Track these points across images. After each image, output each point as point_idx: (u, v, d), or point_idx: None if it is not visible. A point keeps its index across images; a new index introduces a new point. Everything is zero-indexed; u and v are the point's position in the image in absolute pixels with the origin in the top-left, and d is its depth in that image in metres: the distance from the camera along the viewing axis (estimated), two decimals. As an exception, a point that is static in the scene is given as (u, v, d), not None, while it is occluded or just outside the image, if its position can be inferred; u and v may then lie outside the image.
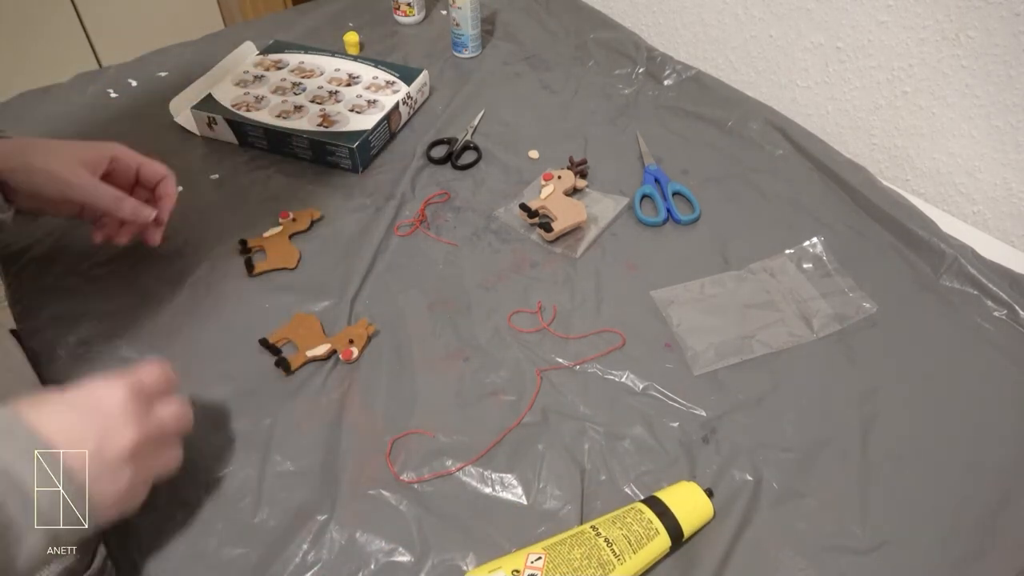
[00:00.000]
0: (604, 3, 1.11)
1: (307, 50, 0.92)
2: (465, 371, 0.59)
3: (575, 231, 0.72)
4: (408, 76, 0.88)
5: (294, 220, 0.72)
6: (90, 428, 0.40)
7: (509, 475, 0.52)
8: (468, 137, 0.85)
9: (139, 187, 0.64)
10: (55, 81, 0.91)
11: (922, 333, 0.63)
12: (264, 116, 0.80)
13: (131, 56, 0.96)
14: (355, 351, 0.60)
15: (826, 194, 0.77)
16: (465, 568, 0.47)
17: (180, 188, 0.75)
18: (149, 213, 0.61)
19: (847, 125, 0.85)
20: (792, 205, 0.76)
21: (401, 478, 0.52)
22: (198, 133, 0.83)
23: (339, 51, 0.92)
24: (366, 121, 0.80)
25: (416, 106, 0.90)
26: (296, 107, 0.82)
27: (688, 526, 0.47)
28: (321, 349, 0.60)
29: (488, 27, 1.06)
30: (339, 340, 0.61)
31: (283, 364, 0.58)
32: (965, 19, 0.69)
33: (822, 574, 0.47)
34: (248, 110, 0.81)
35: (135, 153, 0.63)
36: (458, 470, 0.52)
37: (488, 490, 0.52)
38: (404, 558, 0.47)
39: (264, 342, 0.60)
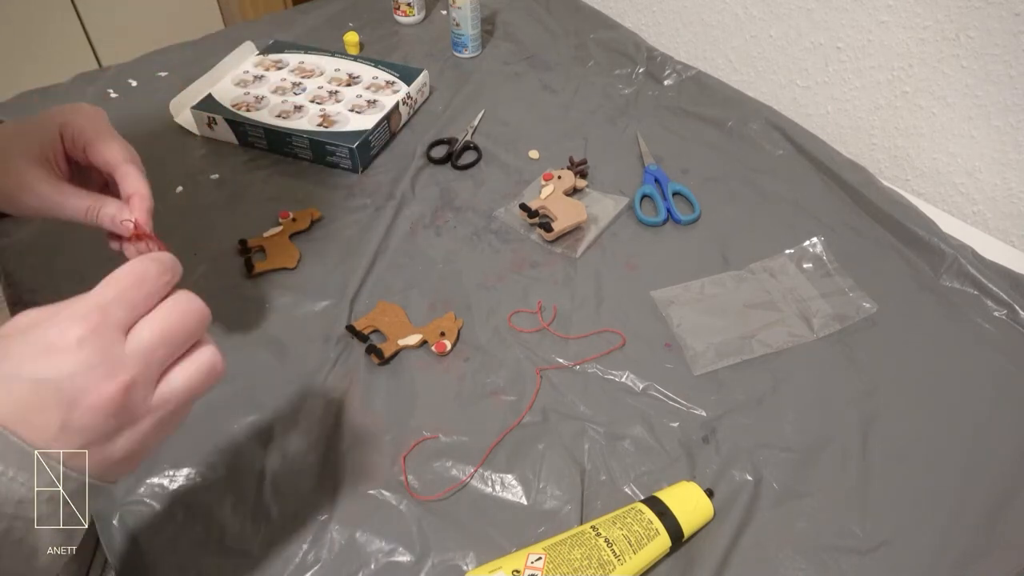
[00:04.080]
0: (604, 3, 1.11)
1: (307, 50, 0.92)
2: (465, 371, 0.59)
3: (575, 231, 0.72)
4: (408, 76, 0.88)
5: (294, 220, 0.72)
6: (49, 397, 0.30)
7: (509, 475, 0.52)
8: (468, 137, 0.85)
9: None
10: (55, 81, 0.91)
11: (922, 333, 0.63)
12: (264, 116, 0.80)
13: (131, 56, 0.96)
14: (448, 344, 0.60)
15: (826, 194, 0.77)
16: (465, 568, 0.47)
17: (180, 188, 0.76)
18: (128, 224, 0.46)
19: (847, 125, 0.85)
20: (792, 205, 0.76)
21: (414, 495, 0.51)
22: (198, 133, 0.83)
23: (339, 51, 0.92)
24: (366, 121, 0.80)
25: (416, 106, 0.90)
26: (296, 107, 0.82)
27: (688, 526, 0.47)
28: (413, 339, 0.60)
29: (488, 27, 1.06)
30: (430, 331, 0.61)
31: (375, 351, 0.59)
32: (965, 19, 0.69)
33: (822, 574, 0.47)
34: (248, 110, 0.81)
35: (91, 121, 0.47)
36: (468, 478, 0.52)
37: (488, 490, 0.52)
38: (404, 558, 0.47)
39: (351, 329, 0.61)
